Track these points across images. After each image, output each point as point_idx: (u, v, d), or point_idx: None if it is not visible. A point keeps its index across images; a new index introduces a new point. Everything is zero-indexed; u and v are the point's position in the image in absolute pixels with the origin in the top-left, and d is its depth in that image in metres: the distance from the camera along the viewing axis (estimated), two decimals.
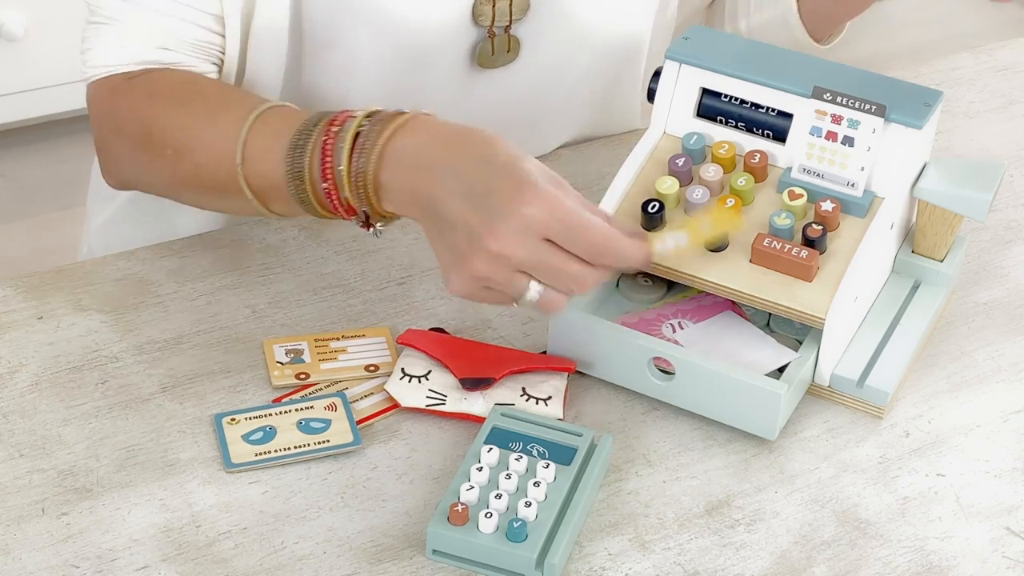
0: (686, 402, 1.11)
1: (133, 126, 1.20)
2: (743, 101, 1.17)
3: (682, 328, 1.14)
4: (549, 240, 1.02)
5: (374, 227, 1.10)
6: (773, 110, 1.16)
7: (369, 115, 1.08)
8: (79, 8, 2.71)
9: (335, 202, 1.09)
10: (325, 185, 1.08)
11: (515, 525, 0.99)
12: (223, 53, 1.24)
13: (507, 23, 1.27)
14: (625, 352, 1.11)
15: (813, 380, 1.13)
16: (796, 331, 1.14)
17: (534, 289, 1.04)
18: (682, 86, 1.18)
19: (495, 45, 1.28)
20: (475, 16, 1.26)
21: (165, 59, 1.21)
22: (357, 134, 1.07)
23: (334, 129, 1.08)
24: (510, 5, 1.26)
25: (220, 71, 1.25)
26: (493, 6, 1.26)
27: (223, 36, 1.23)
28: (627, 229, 1.06)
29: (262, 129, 1.13)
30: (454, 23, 1.25)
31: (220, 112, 1.16)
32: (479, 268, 1.03)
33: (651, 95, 1.20)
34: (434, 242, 1.06)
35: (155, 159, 1.19)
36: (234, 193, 1.15)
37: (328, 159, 1.08)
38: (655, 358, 1.10)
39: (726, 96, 1.17)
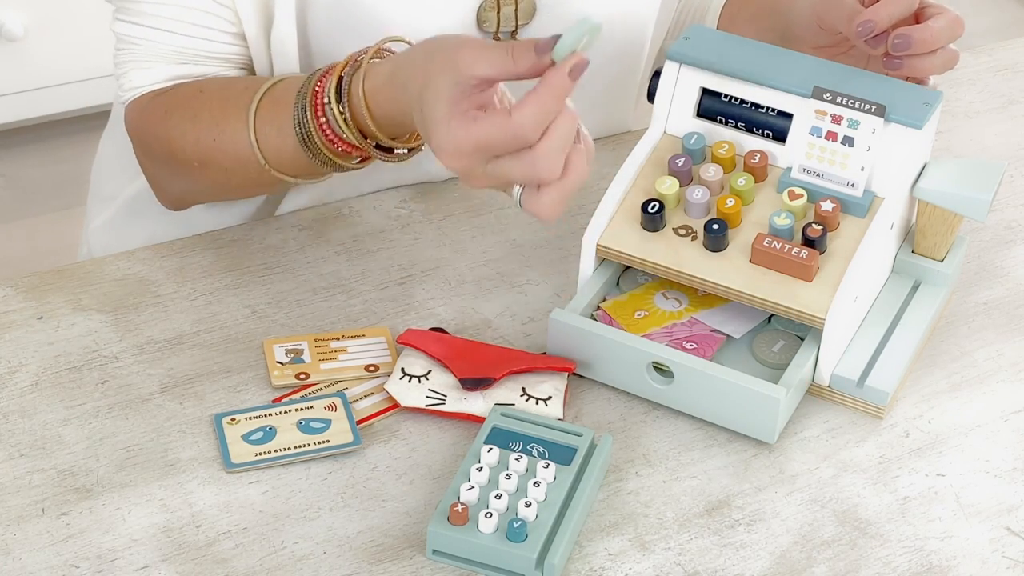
0: (685, 405, 1.11)
1: (158, 146, 1.24)
2: (743, 101, 1.17)
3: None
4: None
5: (395, 152, 1.14)
6: (773, 110, 1.16)
7: (345, 64, 1.12)
8: (79, 8, 2.72)
9: (327, 131, 1.13)
10: (334, 147, 1.13)
11: (515, 525, 0.99)
12: (250, 61, 1.26)
13: (513, 28, 1.26)
14: (624, 355, 1.11)
15: (813, 380, 1.13)
16: (797, 327, 1.14)
17: (515, 191, 1.05)
18: (682, 86, 1.18)
19: None
20: (479, 22, 1.25)
21: (193, 72, 1.24)
22: (339, 80, 1.12)
23: (320, 96, 1.13)
24: (516, 11, 1.25)
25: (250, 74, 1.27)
26: (498, 12, 1.25)
27: (247, 47, 1.25)
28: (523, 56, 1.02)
29: (265, 128, 1.16)
30: (458, 30, 1.24)
31: (223, 120, 1.19)
32: (455, 166, 1.03)
33: (651, 95, 1.20)
34: (419, 127, 1.08)
35: (188, 173, 1.23)
36: (273, 182, 1.20)
37: (329, 132, 1.13)
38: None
39: (726, 96, 1.17)
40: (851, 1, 1.18)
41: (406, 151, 1.16)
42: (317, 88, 1.13)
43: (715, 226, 1.11)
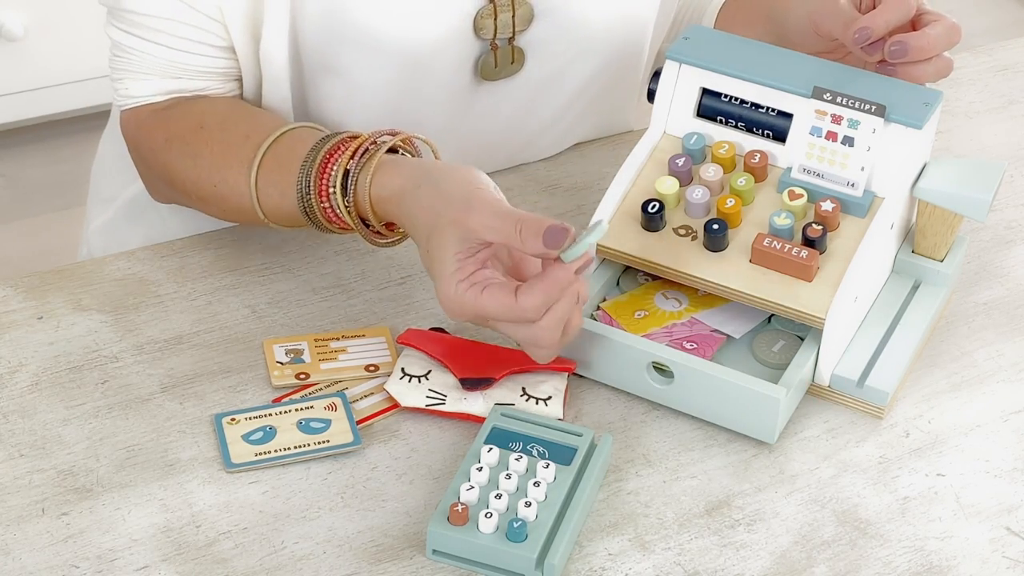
0: (685, 405, 1.11)
1: (157, 169, 1.25)
2: (743, 101, 1.17)
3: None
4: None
5: (366, 233, 1.15)
6: (773, 110, 1.16)
7: (352, 154, 1.13)
8: (79, 8, 2.72)
9: (326, 202, 1.14)
10: (337, 225, 1.15)
11: (515, 525, 0.99)
12: (240, 73, 1.26)
13: (510, 35, 1.26)
14: (624, 355, 1.11)
15: (813, 380, 1.13)
16: (797, 327, 1.14)
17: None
18: (682, 86, 1.18)
19: (498, 57, 1.27)
20: (476, 30, 1.25)
21: (188, 87, 1.24)
22: (346, 173, 1.13)
23: (341, 144, 1.14)
24: (513, 17, 1.25)
25: (241, 87, 1.27)
26: (495, 19, 1.25)
27: (236, 62, 1.25)
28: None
29: (268, 189, 1.17)
30: (454, 38, 1.24)
31: (224, 168, 1.19)
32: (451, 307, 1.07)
33: (651, 95, 1.20)
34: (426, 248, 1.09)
35: (184, 198, 1.25)
36: (258, 225, 1.21)
37: (331, 214, 1.14)
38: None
39: (726, 96, 1.17)
40: (848, 8, 1.18)
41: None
42: (323, 173, 1.13)
43: (715, 226, 1.11)
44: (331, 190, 1.13)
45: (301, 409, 1.10)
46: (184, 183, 1.22)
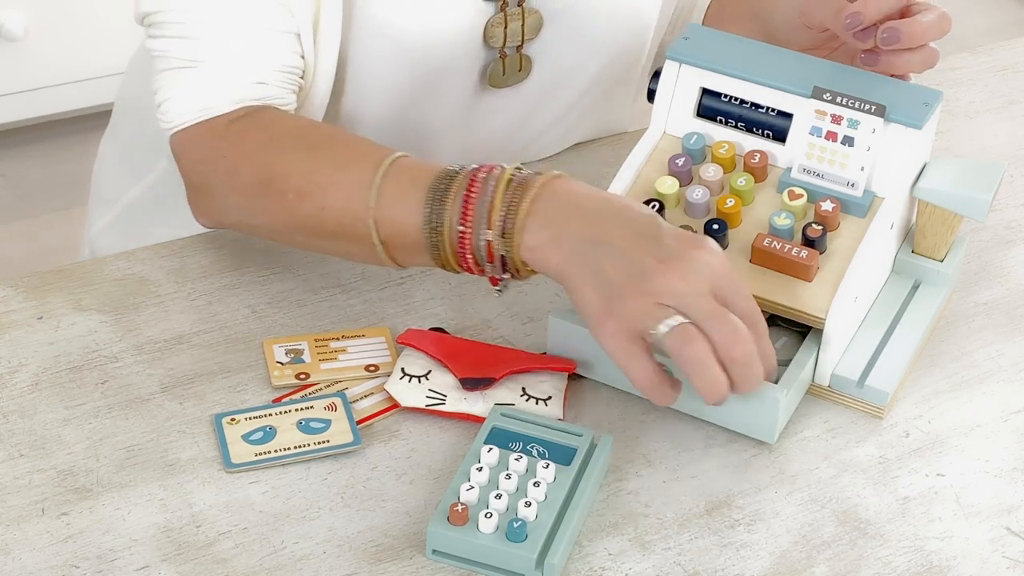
0: (686, 406, 1.11)
1: (252, 171, 1.15)
2: (743, 101, 1.17)
3: None
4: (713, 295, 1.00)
5: (502, 280, 1.08)
6: (773, 110, 1.16)
7: (517, 169, 1.07)
8: (79, 8, 2.72)
9: (466, 249, 1.07)
10: (462, 228, 1.06)
11: (515, 525, 0.99)
12: (302, 77, 1.21)
13: (519, 43, 1.26)
14: None
15: (813, 380, 1.13)
16: (798, 324, 1.14)
17: (676, 318, 1.00)
18: (682, 86, 1.18)
19: (506, 65, 1.27)
20: (486, 38, 1.25)
21: (260, 94, 1.17)
22: (510, 179, 1.06)
23: (481, 175, 1.06)
24: (522, 26, 1.25)
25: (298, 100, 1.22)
26: (505, 28, 1.25)
27: (302, 56, 1.20)
28: None
29: (398, 175, 1.09)
30: (465, 44, 1.24)
31: (350, 158, 1.12)
32: (637, 305, 1.00)
33: (651, 95, 1.20)
34: (580, 286, 1.02)
35: (274, 203, 1.14)
36: (357, 238, 1.11)
37: (471, 201, 1.06)
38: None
39: (726, 96, 1.17)
40: None
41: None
42: (468, 198, 1.06)
43: (715, 226, 1.11)
44: (487, 182, 1.06)
45: (301, 409, 1.10)
46: (289, 175, 1.12)
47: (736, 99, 1.17)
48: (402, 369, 1.12)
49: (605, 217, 1.03)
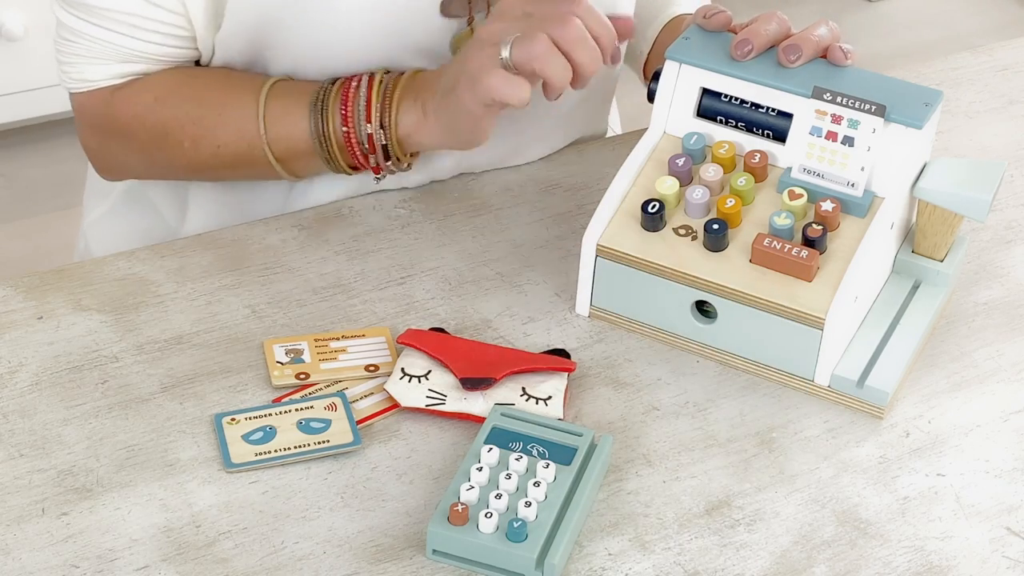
0: (728, 344, 1.13)
1: (144, 132, 1.27)
2: (743, 101, 1.17)
3: None
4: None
5: (385, 167, 1.23)
6: (773, 110, 1.16)
7: (384, 72, 1.22)
8: None
9: (353, 146, 1.21)
10: (345, 129, 1.21)
11: (515, 525, 0.99)
12: (197, 58, 1.28)
13: (485, 12, 1.26)
14: (667, 297, 1.12)
15: (813, 380, 1.13)
16: None
17: (507, 40, 1.12)
18: (682, 86, 1.18)
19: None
20: (453, 51, 1.25)
21: (140, 70, 1.26)
22: (380, 80, 1.21)
23: (353, 83, 1.21)
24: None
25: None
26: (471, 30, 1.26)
27: (195, 50, 1.26)
28: None
29: (276, 99, 1.23)
30: (434, 61, 1.25)
31: (232, 96, 1.24)
32: (477, 57, 1.13)
33: (651, 95, 1.20)
34: (446, 99, 1.17)
35: (172, 153, 1.26)
36: (254, 162, 1.25)
37: (348, 104, 1.21)
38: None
39: (726, 96, 1.17)
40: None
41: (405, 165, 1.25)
42: (345, 90, 1.21)
43: (715, 226, 1.11)
44: (360, 84, 1.21)
45: (301, 409, 1.10)
46: (181, 126, 1.25)
47: (736, 99, 1.17)
48: (402, 369, 1.12)
49: (447, 66, 1.19)
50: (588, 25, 1.13)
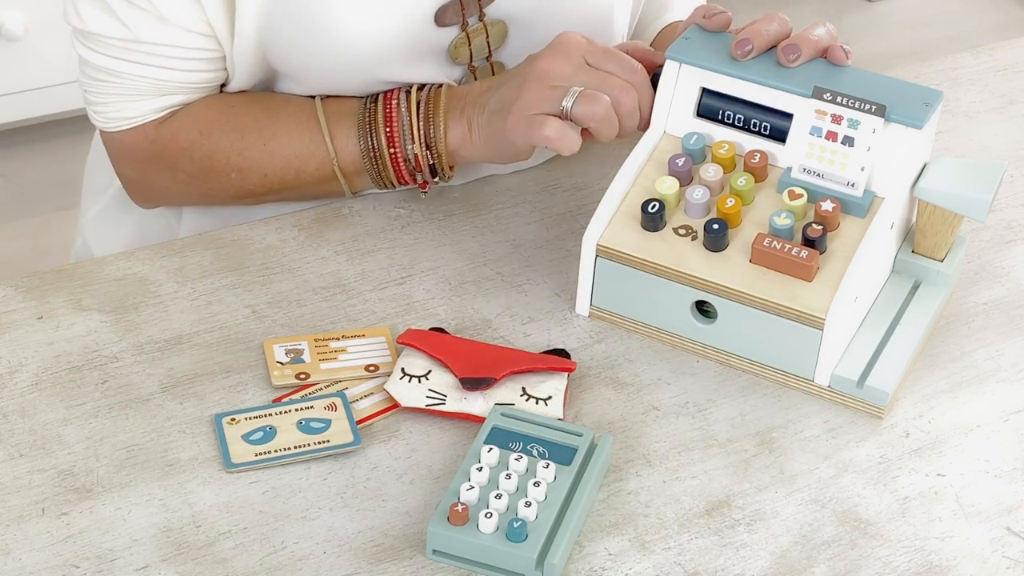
0: (728, 344, 1.12)
1: (190, 165, 1.27)
2: (743, 101, 1.17)
3: None
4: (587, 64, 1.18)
5: (432, 183, 1.26)
6: (773, 110, 1.16)
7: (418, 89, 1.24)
8: None
9: (399, 162, 1.24)
10: (393, 150, 1.23)
11: (515, 525, 0.99)
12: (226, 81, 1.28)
13: (487, 54, 1.26)
14: (667, 297, 1.12)
15: (813, 380, 1.13)
16: None
17: (573, 91, 1.16)
18: (682, 86, 1.18)
19: (478, 77, 1.27)
20: (452, 57, 1.25)
21: (180, 101, 1.26)
22: (417, 101, 1.23)
23: (393, 100, 1.23)
24: (487, 39, 1.25)
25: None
26: (469, 45, 1.25)
27: (225, 71, 1.26)
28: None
29: (333, 121, 1.24)
30: (431, 67, 1.25)
31: (274, 121, 1.25)
32: (533, 94, 1.16)
33: None
34: (493, 121, 1.19)
35: (218, 184, 1.28)
36: (301, 186, 1.27)
37: (392, 121, 1.23)
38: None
39: (726, 96, 1.17)
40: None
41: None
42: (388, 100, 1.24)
43: (715, 226, 1.11)
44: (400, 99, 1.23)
45: (301, 409, 1.10)
46: (228, 158, 1.25)
47: (736, 99, 1.17)
48: (402, 369, 1.12)
49: (498, 82, 1.21)
50: (641, 97, 1.18)
